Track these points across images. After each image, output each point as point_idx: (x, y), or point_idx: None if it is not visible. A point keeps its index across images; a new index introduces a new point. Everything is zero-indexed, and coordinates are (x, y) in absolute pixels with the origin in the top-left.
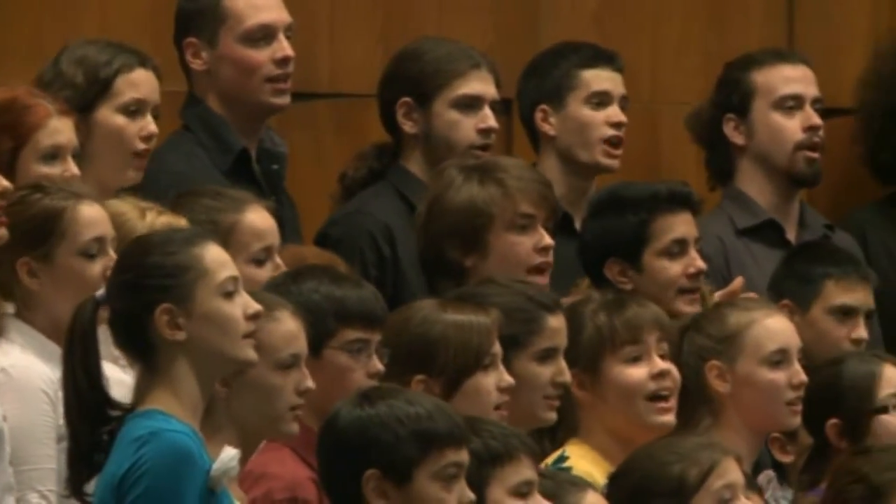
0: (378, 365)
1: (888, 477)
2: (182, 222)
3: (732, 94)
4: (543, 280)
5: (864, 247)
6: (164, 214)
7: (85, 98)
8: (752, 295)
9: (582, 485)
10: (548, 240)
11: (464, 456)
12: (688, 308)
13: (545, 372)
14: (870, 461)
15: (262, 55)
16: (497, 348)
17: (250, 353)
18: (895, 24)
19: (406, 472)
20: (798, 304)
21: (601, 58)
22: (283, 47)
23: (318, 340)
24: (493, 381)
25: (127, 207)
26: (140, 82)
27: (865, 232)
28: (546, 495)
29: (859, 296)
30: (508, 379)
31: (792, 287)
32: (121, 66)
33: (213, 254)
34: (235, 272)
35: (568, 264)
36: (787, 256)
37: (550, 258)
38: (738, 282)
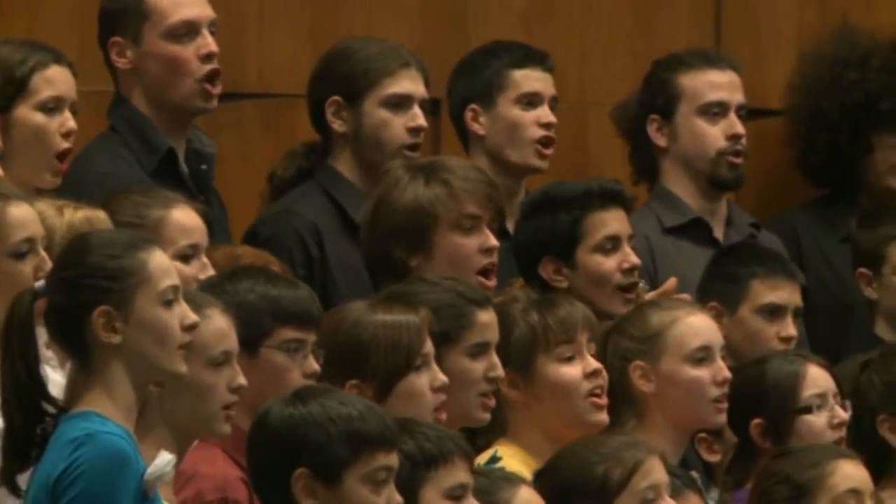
0: (314, 365)
1: (811, 475)
2: (101, 216)
3: (658, 96)
4: (490, 283)
5: (797, 248)
6: (80, 210)
7: (2, 98)
8: (685, 297)
9: (515, 480)
10: (493, 241)
11: (394, 459)
12: (623, 309)
13: (478, 367)
14: (792, 461)
15: (186, 51)
16: (429, 347)
17: (181, 367)
18: (822, 26)
19: (336, 472)
20: (726, 305)
21: (532, 58)
22: (208, 43)
23: (254, 340)
24: (427, 381)
25: (44, 206)
26: (56, 79)
27: (798, 233)
28: (479, 492)
29: (786, 294)
30: (442, 378)
31: (719, 288)
32: (36, 64)
33: (158, 260)
34: (177, 281)
35: (500, 264)
36: (713, 258)
37: (495, 259)
38: (671, 282)
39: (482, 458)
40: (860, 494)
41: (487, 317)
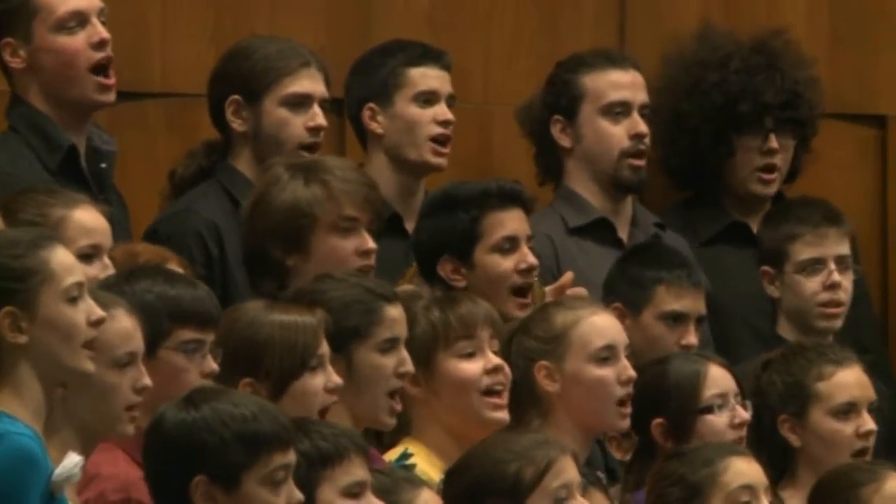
0: (212, 365)
1: (703, 474)
2: None
3: (561, 97)
4: None
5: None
6: None
7: None
8: (580, 290)
9: (417, 483)
10: (370, 243)
11: (291, 457)
12: (519, 312)
13: (388, 363)
14: (684, 462)
15: (77, 41)
16: (324, 349)
17: (87, 365)
18: (726, 24)
19: (234, 477)
20: (629, 307)
21: (428, 56)
22: (99, 31)
23: (152, 341)
24: (321, 382)
25: None
26: None
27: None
28: (381, 492)
29: (690, 302)
30: (336, 379)
31: (624, 290)
32: None
33: (60, 257)
34: (81, 277)
35: (397, 264)
36: (620, 259)
37: (372, 261)
38: (567, 276)
39: (391, 456)
40: (754, 490)
41: (396, 312)
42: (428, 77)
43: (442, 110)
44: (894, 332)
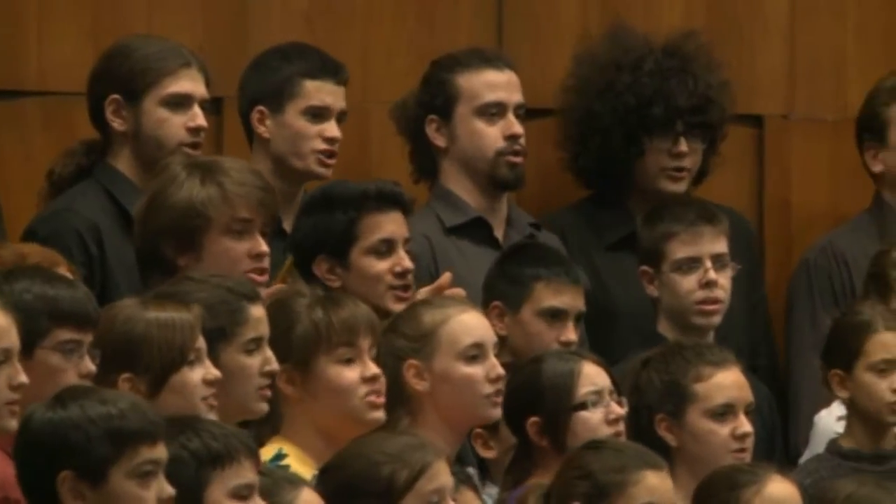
0: (90, 365)
1: (614, 479)
2: None
3: (436, 96)
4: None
5: (565, 249)
6: None
7: None
8: (458, 291)
9: (298, 483)
10: (263, 247)
11: (160, 452)
12: (397, 306)
13: (254, 363)
14: (599, 459)
15: None
16: (201, 343)
17: None
18: (603, 24)
19: (100, 471)
20: (508, 305)
21: (326, 70)
22: None
23: (30, 340)
24: (199, 375)
25: None
26: None
27: (565, 234)
28: (262, 493)
29: (569, 299)
30: (215, 372)
31: (503, 288)
32: None
33: None
34: None
35: (277, 265)
36: (499, 258)
37: (265, 264)
38: (445, 277)
39: (264, 455)
40: None
41: (259, 311)
42: (322, 92)
43: (331, 127)
44: (775, 332)
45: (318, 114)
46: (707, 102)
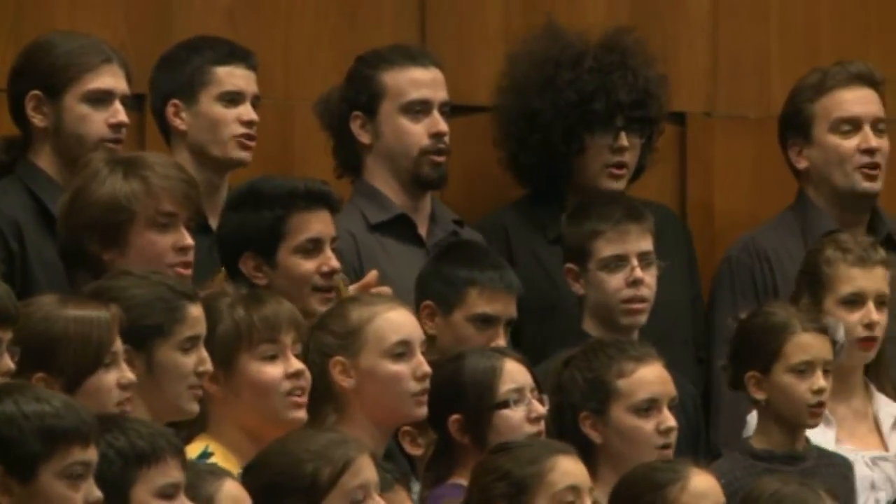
0: (9, 363)
1: (530, 472)
2: None
3: (361, 93)
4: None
5: (507, 247)
6: None
7: None
8: (384, 289)
9: (220, 474)
10: (188, 240)
11: (91, 454)
12: (321, 307)
13: (189, 361)
14: (510, 457)
15: None
16: (118, 345)
17: None
18: (526, 23)
19: (30, 468)
20: (440, 306)
21: (235, 55)
22: None
23: None
24: (114, 378)
25: None
26: None
27: (508, 232)
28: (185, 487)
29: (501, 306)
30: (130, 376)
31: (436, 289)
32: None
33: None
34: None
35: (202, 261)
36: (434, 256)
37: (190, 258)
38: (371, 275)
39: (191, 453)
40: (579, 490)
41: (197, 311)
42: (234, 76)
43: (246, 110)
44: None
45: (232, 99)
46: (647, 97)
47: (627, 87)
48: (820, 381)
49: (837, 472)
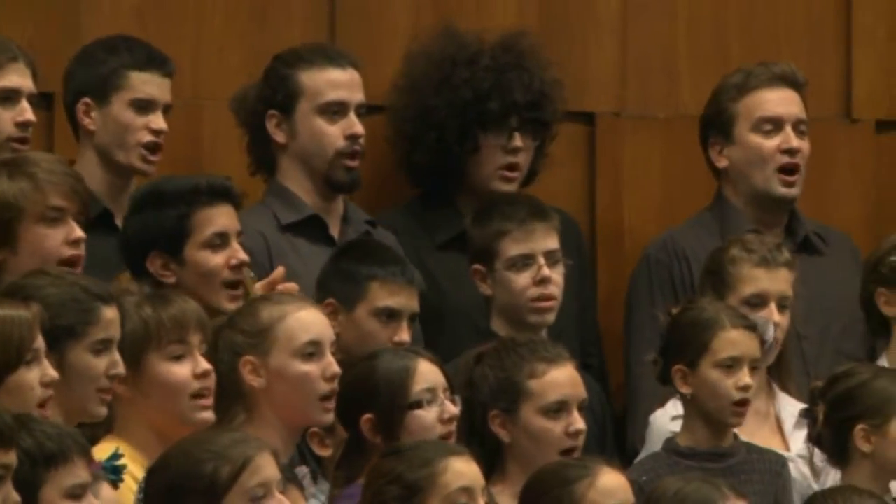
0: None
1: (422, 474)
2: None
3: (278, 92)
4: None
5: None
6: None
7: None
8: (291, 285)
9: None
10: (79, 232)
11: (10, 458)
12: (230, 305)
13: (100, 364)
14: (403, 460)
15: None
16: (40, 343)
17: None
18: (435, 23)
19: None
20: (343, 303)
21: (153, 62)
22: None
23: None
24: (36, 376)
25: None
26: None
27: (397, 234)
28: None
29: (403, 299)
30: (52, 373)
31: (337, 286)
32: None
33: None
34: None
35: (109, 261)
36: (334, 254)
37: (82, 251)
38: (278, 271)
39: (99, 454)
40: (472, 492)
41: (112, 313)
42: (148, 84)
43: (157, 119)
44: (605, 328)
45: (143, 106)
46: (542, 98)
47: (523, 88)
48: (746, 378)
49: (769, 468)
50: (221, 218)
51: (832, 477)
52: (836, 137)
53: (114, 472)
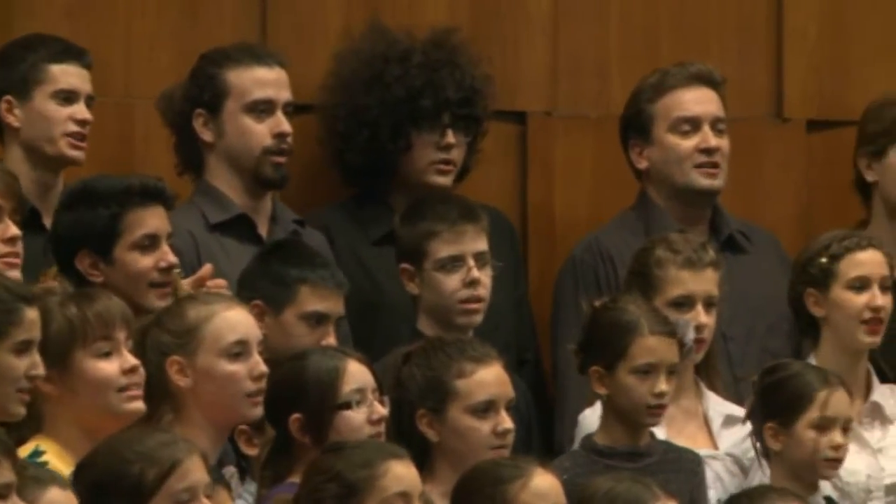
0: None
1: (362, 475)
2: None
3: (204, 91)
4: (14, 273)
5: (331, 248)
6: None
7: None
8: (220, 282)
9: (45, 480)
10: (14, 230)
11: None
12: (159, 302)
13: (21, 364)
14: (343, 458)
15: None
16: None
17: None
18: (367, 21)
19: None
20: (270, 305)
21: (70, 53)
22: None
23: None
24: None
25: None
26: None
27: (331, 231)
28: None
29: (332, 304)
30: None
31: (265, 287)
32: None
33: None
34: None
35: (36, 260)
36: (260, 255)
37: (19, 249)
38: (206, 268)
39: (22, 453)
40: (409, 497)
41: (33, 314)
42: (68, 75)
43: (80, 109)
44: (538, 324)
45: (66, 97)
46: (474, 94)
47: (455, 85)
48: (662, 385)
49: (685, 467)
50: (153, 220)
51: (759, 476)
52: (768, 137)
53: None
